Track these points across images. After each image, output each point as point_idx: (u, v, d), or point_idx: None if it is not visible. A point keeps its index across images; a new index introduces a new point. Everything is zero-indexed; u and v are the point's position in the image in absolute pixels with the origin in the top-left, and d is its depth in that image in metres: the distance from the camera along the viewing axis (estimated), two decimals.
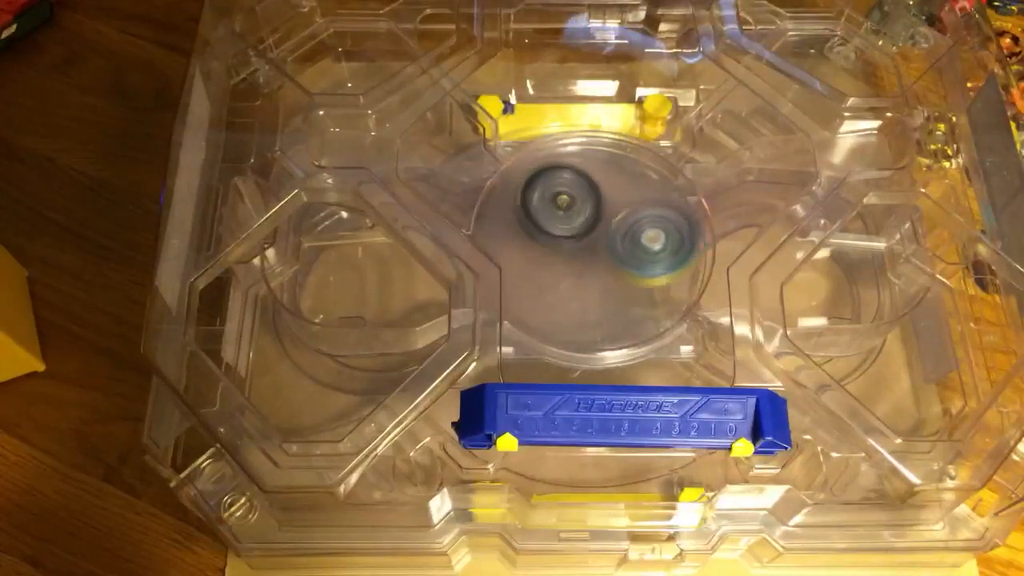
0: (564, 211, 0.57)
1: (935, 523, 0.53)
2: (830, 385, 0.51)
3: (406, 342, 0.56)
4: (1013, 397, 0.52)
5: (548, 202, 0.57)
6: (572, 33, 0.65)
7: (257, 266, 0.58)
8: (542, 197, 0.57)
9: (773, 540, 0.53)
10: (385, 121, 0.59)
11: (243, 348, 0.58)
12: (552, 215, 0.57)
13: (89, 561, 0.59)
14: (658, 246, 0.57)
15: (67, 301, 0.67)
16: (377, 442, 0.48)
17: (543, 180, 0.58)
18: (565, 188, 0.58)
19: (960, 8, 0.64)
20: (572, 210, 0.57)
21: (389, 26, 0.64)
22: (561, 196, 0.57)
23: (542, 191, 0.57)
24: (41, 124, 0.74)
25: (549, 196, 0.57)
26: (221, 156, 0.58)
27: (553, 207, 0.57)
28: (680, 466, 0.55)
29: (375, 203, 0.56)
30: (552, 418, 0.45)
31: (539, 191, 0.57)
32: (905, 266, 0.61)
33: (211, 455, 0.51)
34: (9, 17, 0.75)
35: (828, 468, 0.53)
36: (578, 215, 0.57)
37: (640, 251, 0.57)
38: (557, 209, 0.57)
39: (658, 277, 0.57)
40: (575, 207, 0.57)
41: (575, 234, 0.58)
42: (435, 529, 0.53)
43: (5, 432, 0.62)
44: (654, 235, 0.57)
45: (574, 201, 0.57)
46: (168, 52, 0.78)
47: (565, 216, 0.57)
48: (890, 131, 0.60)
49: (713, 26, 0.63)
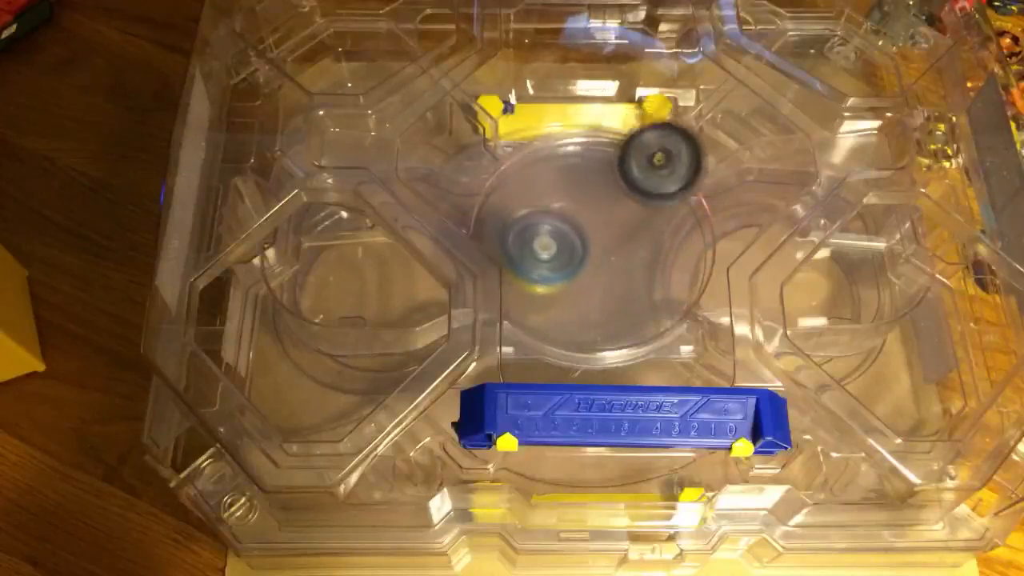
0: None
1: (935, 523, 0.53)
2: (830, 385, 0.51)
3: (406, 342, 0.56)
4: (1013, 397, 0.52)
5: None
6: (572, 33, 0.65)
7: (257, 266, 0.58)
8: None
9: (773, 540, 0.53)
10: (385, 121, 0.59)
11: (243, 348, 0.58)
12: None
13: (89, 561, 0.59)
14: (547, 255, 0.57)
15: (67, 301, 0.67)
16: (377, 442, 0.48)
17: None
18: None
19: (960, 8, 0.64)
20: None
21: (389, 26, 0.64)
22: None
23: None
24: (41, 124, 0.74)
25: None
26: (221, 156, 0.58)
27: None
28: (680, 466, 0.55)
29: (375, 203, 0.56)
30: (552, 418, 0.45)
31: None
32: (905, 266, 0.61)
33: (211, 455, 0.51)
34: (9, 17, 0.75)
35: (828, 468, 0.53)
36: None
37: (530, 256, 0.57)
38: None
39: (537, 285, 0.57)
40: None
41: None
42: (435, 529, 0.53)
43: (5, 432, 0.62)
44: (546, 243, 0.57)
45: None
46: (168, 52, 0.78)
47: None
48: (890, 131, 0.60)
49: (713, 26, 0.63)
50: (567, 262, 0.57)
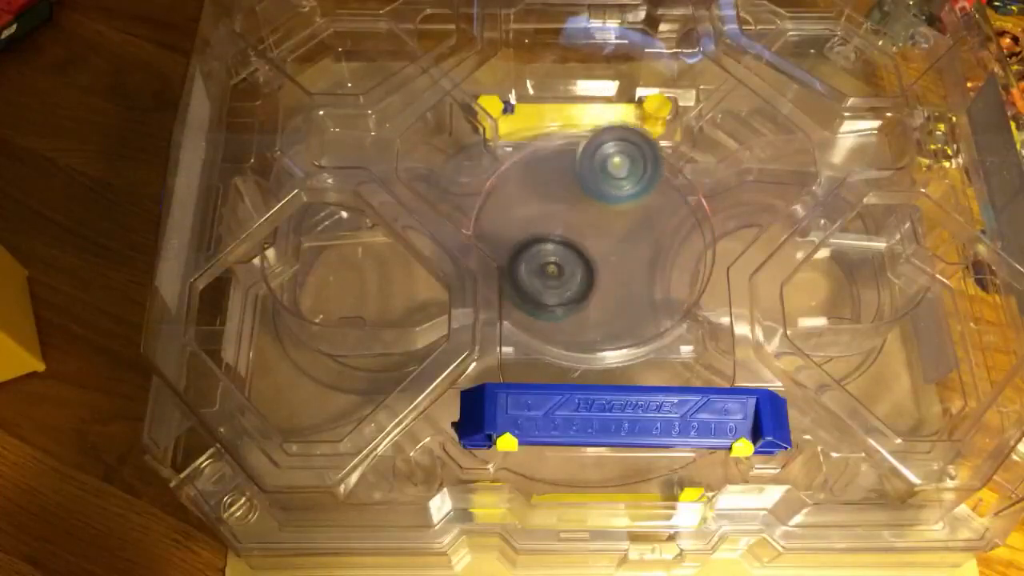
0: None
1: (935, 523, 0.53)
2: (830, 385, 0.51)
3: (406, 342, 0.56)
4: (1013, 397, 0.52)
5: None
6: (572, 33, 0.65)
7: (257, 266, 0.58)
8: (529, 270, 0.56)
9: (773, 540, 0.53)
10: (385, 121, 0.59)
11: (243, 348, 0.58)
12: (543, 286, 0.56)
13: (89, 561, 0.59)
14: (623, 172, 0.57)
15: (67, 301, 0.67)
16: (377, 442, 0.48)
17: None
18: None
19: (960, 8, 0.64)
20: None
21: (389, 26, 0.64)
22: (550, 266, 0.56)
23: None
24: (41, 124, 0.74)
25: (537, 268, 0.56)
26: (221, 156, 0.58)
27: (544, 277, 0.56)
28: (680, 466, 0.55)
29: (375, 203, 0.56)
30: (552, 418, 0.45)
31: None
32: (905, 266, 0.61)
33: (211, 455, 0.51)
34: (9, 17, 0.75)
35: (828, 468, 0.53)
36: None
37: (606, 177, 0.57)
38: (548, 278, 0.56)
39: (624, 203, 0.58)
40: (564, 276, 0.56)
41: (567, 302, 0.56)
42: (435, 529, 0.53)
43: (5, 432, 0.62)
44: (619, 162, 0.58)
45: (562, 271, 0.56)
46: (168, 52, 0.78)
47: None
48: (890, 131, 0.60)
49: (713, 26, 0.63)
50: (641, 174, 0.58)
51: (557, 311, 0.55)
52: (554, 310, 0.55)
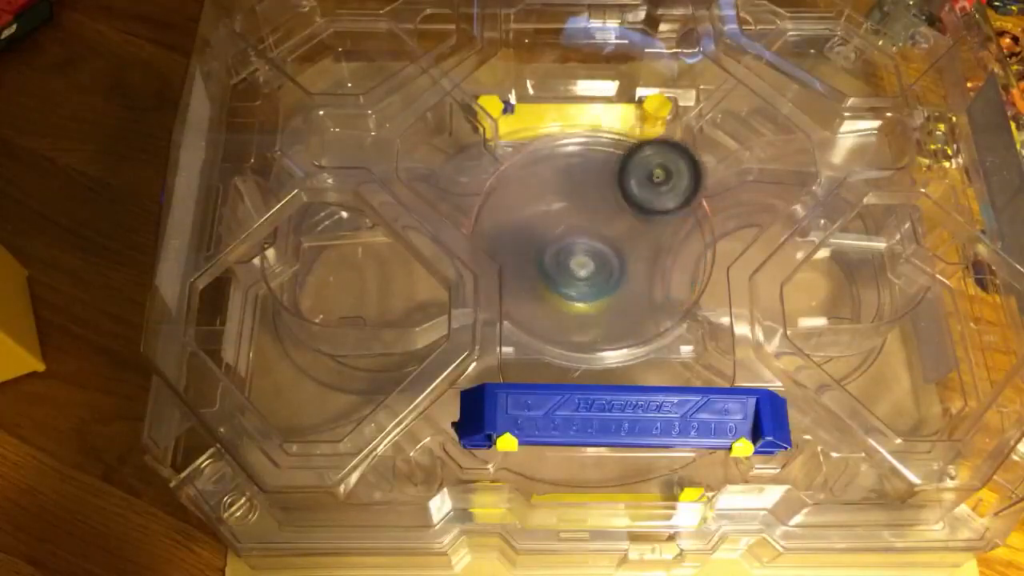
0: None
1: (935, 523, 0.53)
2: (830, 385, 0.51)
3: (406, 342, 0.56)
4: (1013, 397, 0.52)
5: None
6: (572, 33, 0.65)
7: (257, 266, 0.58)
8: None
9: (773, 540, 0.53)
10: (385, 121, 0.59)
11: (243, 348, 0.58)
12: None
13: (89, 561, 0.59)
14: (584, 273, 0.58)
15: (67, 301, 0.67)
16: (377, 442, 0.48)
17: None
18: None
19: (960, 8, 0.64)
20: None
21: (389, 26, 0.64)
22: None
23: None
24: (41, 124, 0.74)
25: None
26: (221, 156, 0.58)
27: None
28: (680, 466, 0.55)
29: (375, 203, 0.56)
30: (552, 418, 0.45)
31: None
32: (905, 266, 0.61)
33: (211, 455, 0.51)
34: (9, 17, 0.75)
35: (828, 468, 0.53)
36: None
37: (567, 274, 0.58)
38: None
39: (576, 303, 0.58)
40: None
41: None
42: (435, 529, 0.53)
43: (5, 432, 0.62)
44: (583, 261, 0.58)
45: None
46: (168, 52, 0.78)
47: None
48: (890, 131, 0.60)
49: (713, 26, 0.63)
50: (605, 280, 0.58)
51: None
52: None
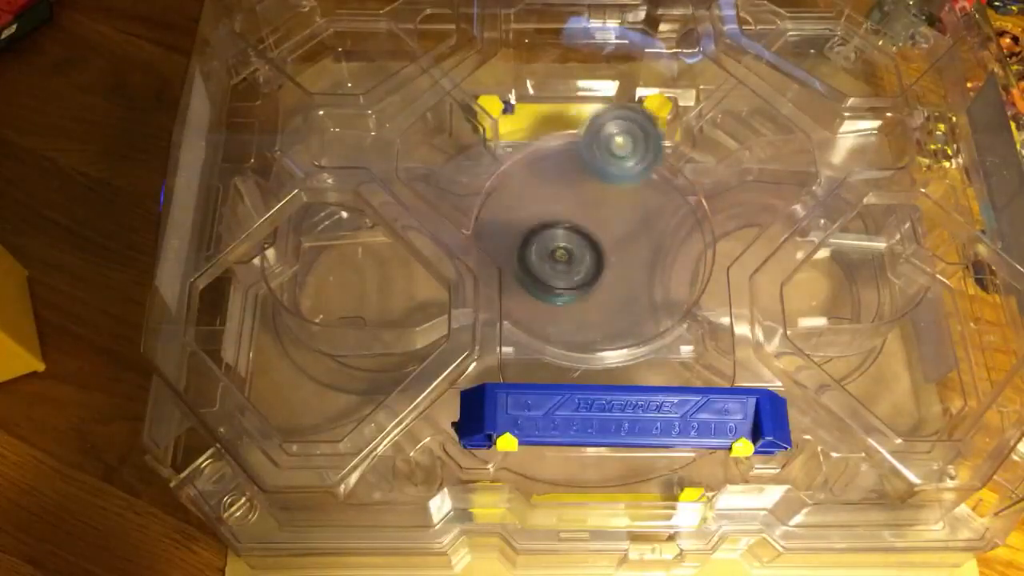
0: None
1: (935, 523, 0.53)
2: (830, 385, 0.51)
3: (406, 342, 0.56)
4: (1013, 397, 0.52)
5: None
6: (572, 33, 0.65)
7: (257, 266, 0.58)
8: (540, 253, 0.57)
9: (773, 540, 0.53)
10: (385, 121, 0.59)
11: (243, 348, 0.58)
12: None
13: (89, 561, 0.59)
14: (626, 151, 0.58)
15: (67, 301, 0.67)
16: (377, 442, 0.48)
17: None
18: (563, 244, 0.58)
19: (960, 8, 0.64)
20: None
21: (389, 26, 0.64)
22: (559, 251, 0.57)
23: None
24: (41, 124, 0.74)
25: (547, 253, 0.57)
26: (221, 156, 0.58)
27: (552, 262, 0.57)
28: (680, 466, 0.55)
29: (375, 203, 0.56)
30: (552, 418, 0.45)
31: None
32: (905, 266, 0.61)
33: (211, 455, 0.51)
34: (9, 17, 0.75)
35: (828, 468, 0.53)
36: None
37: (611, 157, 0.58)
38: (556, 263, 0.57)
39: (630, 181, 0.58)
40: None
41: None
42: (435, 529, 0.53)
43: (5, 432, 0.62)
44: (622, 141, 0.58)
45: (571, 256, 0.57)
46: (168, 52, 0.78)
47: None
48: (890, 131, 0.60)
49: (713, 26, 0.63)
50: (645, 148, 0.58)
51: (564, 294, 0.56)
52: (561, 293, 0.56)
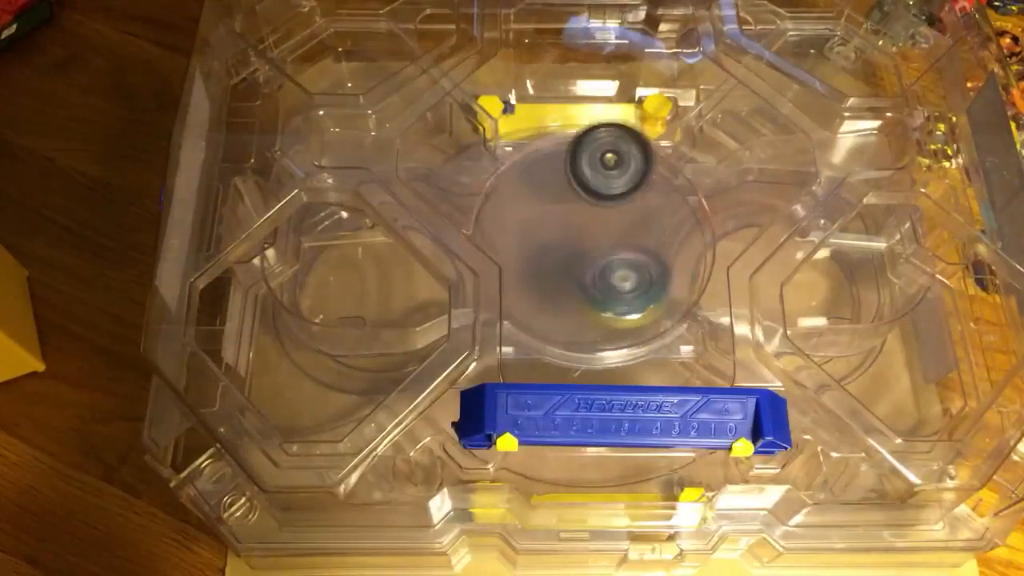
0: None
1: (935, 523, 0.53)
2: (830, 385, 0.51)
3: (406, 342, 0.56)
4: (1013, 397, 0.52)
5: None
6: (572, 33, 0.65)
7: (257, 266, 0.58)
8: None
9: (773, 540, 0.53)
10: (385, 121, 0.59)
11: (243, 348, 0.58)
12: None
13: (89, 561, 0.59)
14: (629, 285, 0.57)
15: (67, 301, 0.67)
16: (377, 442, 0.48)
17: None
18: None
19: (960, 8, 0.64)
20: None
21: (389, 26, 0.64)
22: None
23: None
24: (41, 124, 0.74)
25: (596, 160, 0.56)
26: (221, 156, 0.58)
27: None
28: (680, 466, 0.55)
29: (375, 203, 0.56)
30: (552, 418, 0.45)
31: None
32: (905, 266, 0.61)
33: (211, 455, 0.51)
34: (9, 17, 0.75)
35: (828, 468, 0.53)
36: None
37: (611, 291, 0.56)
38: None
39: (629, 317, 0.57)
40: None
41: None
42: (435, 529, 0.53)
43: (5, 432, 0.62)
44: (624, 275, 0.57)
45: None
46: (168, 52, 0.78)
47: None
48: (890, 131, 0.60)
49: (713, 26, 0.63)
50: (648, 287, 0.57)
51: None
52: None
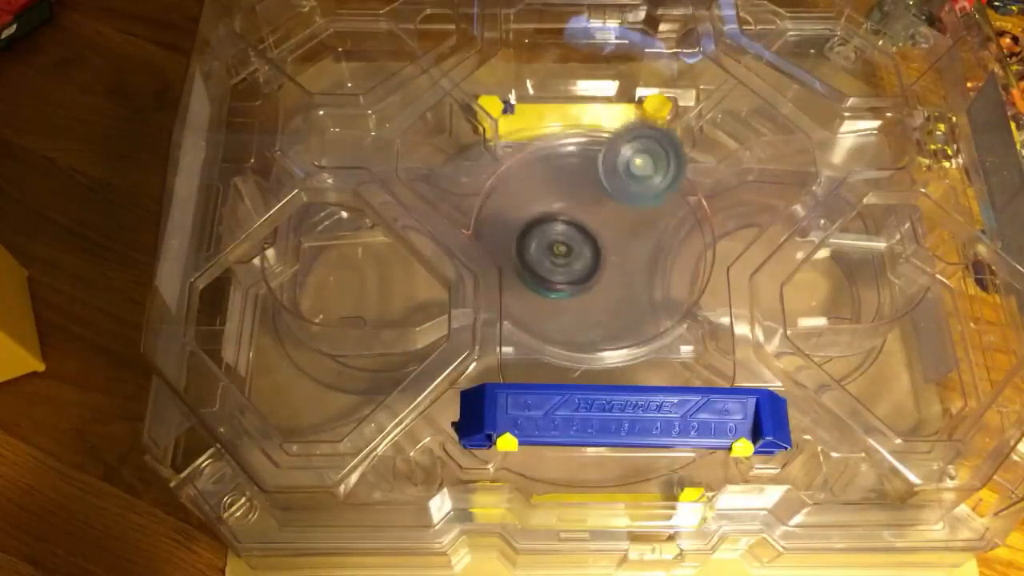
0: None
1: (935, 523, 0.53)
2: (830, 385, 0.51)
3: (406, 342, 0.56)
4: (1013, 397, 0.52)
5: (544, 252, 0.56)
6: (572, 33, 0.65)
7: (257, 266, 0.58)
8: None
9: (773, 540, 0.53)
10: (385, 121, 0.59)
11: (243, 348, 0.58)
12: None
13: (89, 561, 0.59)
14: (648, 171, 0.56)
15: (67, 301, 0.67)
16: (377, 442, 0.48)
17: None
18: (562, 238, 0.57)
19: (960, 8, 0.64)
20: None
21: (389, 26, 0.64)
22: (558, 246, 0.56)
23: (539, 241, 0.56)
24: (41, 124, 0.74)
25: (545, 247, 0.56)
26: (221, 156, 0.58)
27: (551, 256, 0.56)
28: (680, 466, 0.55)
29: (375, 203, 0.56)
30: (552, 418, 0.45)
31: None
32: (905, 266, 0.61)
33: (211, 455, 0.51)
34: (9, 17, 0.75)
35: (828, 468, 0.53)
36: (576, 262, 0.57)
37: (633, 181, 0.56)
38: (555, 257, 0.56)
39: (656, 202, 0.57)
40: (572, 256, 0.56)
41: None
42: (435, 529, 0.53)
43: (5, 432, 0.62)
44: (641, 161, 0.57)
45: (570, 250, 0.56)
46: (168, 52, 0.78)
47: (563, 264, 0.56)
48: (890, 131, 0.60)
49: (713, 26, 0.63)
50: (666, 166, 0.57)
51: (563, 289, 0.55)
52: (561, 288, 0.55)
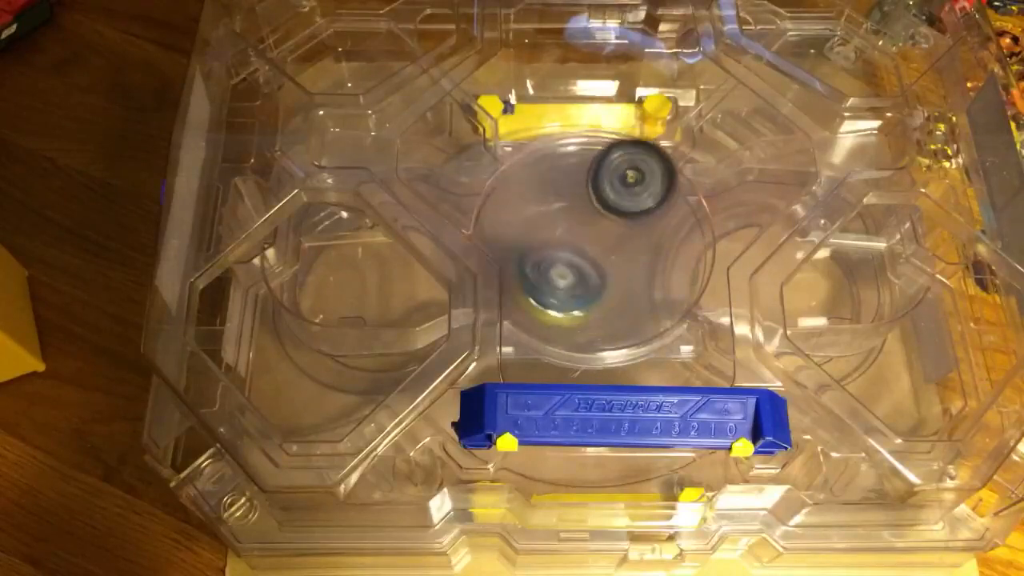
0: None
1: (935, 523, 0.53)
2: (830, 385, 0.51)
3: (406, 342, 0.56)
4: (1013, 397, 0.52)
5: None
6: (572, 33, 0.65)
7: (257, 266, 0.58)
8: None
9: (773, 540, 0.53)
10: (385, 121, 0.59)
11: (243, 348, 0.58)
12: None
13: (89, 561, 0.59)
14: (564, 283, 0.57)
15: (67, 301, 0.67)
16: (377, 442, 0.48)
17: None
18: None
19: (960, 8, 0.64)
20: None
21: (389, 26, 0.64)
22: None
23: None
24: (41, 124, 0.74)
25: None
26: (221, 156, 0.58)
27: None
28: (680, 466, 0.55)
29: (375, 203, 0.56)
30: (552, 418, 0.45)
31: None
32: (905, 266, 0.61)
33: (211, 455, 0.51)
34: (9, 17, 0.75)
35: (828, 468, 0.53)
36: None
37: (546, 284, 0.56)
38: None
39: (556, 314, 0.57)
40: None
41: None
42: (435, 529, 0.53)
43: (5, 432, 0.62)
44: (563, 273, 0.57)
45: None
46: (168, 52, 0.78)
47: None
48: (890, 131, 0.60)
49: (713, 26, 0.63)
50: (584, 292, 0.57)
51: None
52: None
